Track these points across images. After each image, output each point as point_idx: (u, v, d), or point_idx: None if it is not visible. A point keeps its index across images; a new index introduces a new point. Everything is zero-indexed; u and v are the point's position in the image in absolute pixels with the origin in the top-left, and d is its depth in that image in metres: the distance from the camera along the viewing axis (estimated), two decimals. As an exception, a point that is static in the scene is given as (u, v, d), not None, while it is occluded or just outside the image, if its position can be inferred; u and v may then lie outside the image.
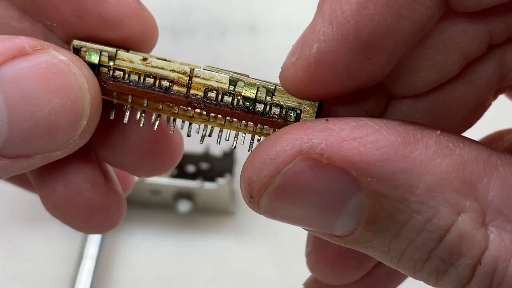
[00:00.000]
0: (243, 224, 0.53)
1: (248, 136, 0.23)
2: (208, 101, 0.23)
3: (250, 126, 0.23)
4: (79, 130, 0.22)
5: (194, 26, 0.67)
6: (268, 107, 0.22)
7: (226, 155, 0.52)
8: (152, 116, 0.24)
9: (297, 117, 0.22)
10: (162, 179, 0.51)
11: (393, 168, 0.19)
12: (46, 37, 0.25)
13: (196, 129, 0.24)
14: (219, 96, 0.23)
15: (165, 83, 0.23)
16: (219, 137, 0.23)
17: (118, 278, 0.51)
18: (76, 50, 0.23)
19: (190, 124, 0.24)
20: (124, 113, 0.24)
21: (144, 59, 0.23)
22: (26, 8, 0.25)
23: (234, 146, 0.23)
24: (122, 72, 0.23)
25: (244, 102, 0.23)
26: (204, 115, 0.23)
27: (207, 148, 0.53)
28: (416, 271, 0.20)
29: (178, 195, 0.52)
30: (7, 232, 0.53)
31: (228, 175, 0.50)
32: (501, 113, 0.32)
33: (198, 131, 0.24)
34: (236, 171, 0.52)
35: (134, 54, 0.23)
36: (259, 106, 0.22)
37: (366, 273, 0.28)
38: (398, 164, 0.19)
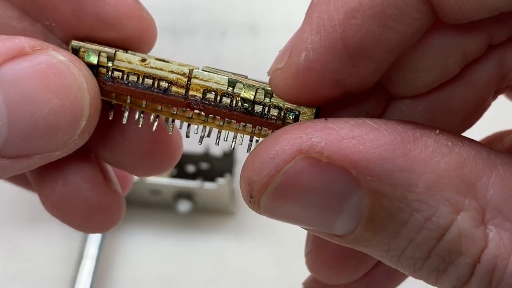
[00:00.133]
0: (243, 224, 0.53)
1: (247, 137, 0.23)
2: (206, 102, 0.23)
3: (249, 128, 0.23)
4: (79, 130, 0.22)
5: (194, 26, 0.67)
6: (266, 108, 0.22)
7: (226, 155, 0.52)
8: (150, 117, 0.24)
9: (295, 118, 0.22)
10: (162, 179, 0.51)
11: (392, 166, 0.19)
12: (45, 37, 0.25)
13: (195, 130, 0.24)
14: (218, 98, 0.23)
15: (164, 84, 0.23)
16: (217, 138, 0.23)
17: (118, 278, 0.51)
18: (75, 50, 0.23)
19: (188, 125, 0.24)
20: (122, 114, 0.24)
21: (143, 60, 0.23)
22: (25, 8, 0.25)
23: (233, 147, 0.23)
24: (120, 73, 0.23)
25: (242, 104, 0.23)
26: (203, 116, 0.23)
27: (207, 148, 0.53)
28: (416, 270, 0.20)
29: (178, 195, 0.52)
30: (7, 232, 0.53)
31: (228, 175, 0.50)
32: (500, 113, 0.32)
33: (197, 132, 0.24)
34: (236, 171, 0.52)
35: (133, 54, 0.23)
36: (258, 108, 0.22)
37: (365, 273, 0.28)
38: (398, 162, 0.19)
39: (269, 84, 0.22)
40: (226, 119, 0.23)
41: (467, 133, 0.24)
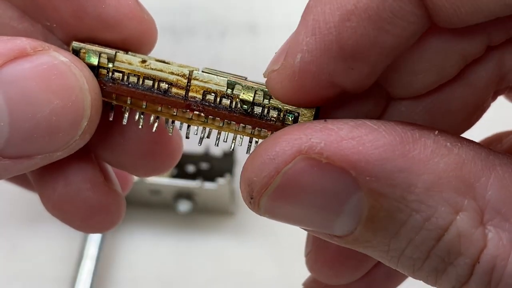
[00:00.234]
0: (243, 224, 0.53)
1: (246, 138, 0.23)
2: (206, 103, 0.23)
3: (248, 129, 0.23)
4: (80, 131, 0.22)
5: (194, 26, 0.67)
6: (266, 110, 0.22)
7: (226, 155, 0.52)
8: (151, 118, 0.24)
9: (294, 120, 0.22)
10: (162, 179, 0.51)
11: (391, 167, 0.19)
12: (45, 37, 0.25)
13: (195, 131, 0.24)
14: (218, 99, 0.23)
15: (164, 85, 0.23)
16: (217, 139, 0.23)
17: (118, 278, 0.51)
18: (76, 51, 0.23)
19: (188, 126, 0.24)
20: (123, 115, 0.24)
21: (143, 61, 0.23)
22: (26, 9, 0.25)
23: (232, 148, 0.24)
24: (121, 74, 0.23)
25: (242, 105, 0.23)
26: (203, 117, 0.23)
27: (207, 148, 0.53)
28: (415, 271, 0.20)
29: (178, 195, 0.52)
30: (7, 232, 0.53)
31: (228, 175, 0.50)
32: (500, 114, 0.32)
33: (197, 133, 0.24)
34: (236, 171, 0.52)
35: (133, 56, 0.23)
36: (257, 109, 0.23)
37: (365, 273, 0.28)
38: (397, 163, 0.19)
39: (265, 85, 0.22)
40: (225, 120, 0.23)
41: (466, 134, 0.24)
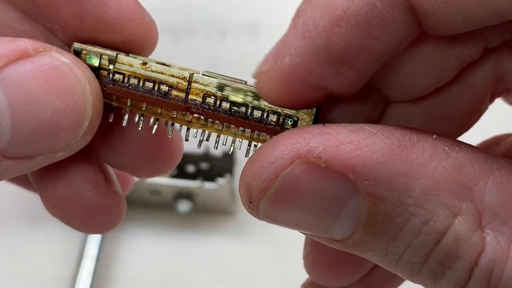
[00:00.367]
0: (243, 224, 0.53)
1: (246, 142, 0.23)
2: (206, 106, 0.23)
3: (248, 132, 0.23)
4: (81, 132, 0.22)
5: (194, 26, 0.67)
6: (265, 114, 0.23)
7: (226, 155, 0.52)
8: (150, 120, 0.24)
9: (294, 124, 0.22)
10: (162, 179, 0.51)
11: (389, 171, 0.19)
12: (47, 39, 0.25)
13: (194, 133, 0.24)
14: (217, 102, 0.23)
15: (164, 88, 0.23)
16: (216, 142, 0.23)
17: (118, 278, 0.51)
18: (77, 53, 0.23)
19: (188, 129, 0.24)
20: (123, 116, 0.24)
21: (144, 63, 0.23)
22: (27, 10, 0.25)
23: (231, 151, 0.24)
24: (121, 76, 0.23)
25: (232, 106, 0.23)
26: (202, 120, 0.23)
27: (207, 148, 0.53)
28: (414, 274, 0.20)
29: (178, 195, 0.52)
30: (7, 232, 0.53)
31: (228, 175, 0.50)
32: (498, 117, 0.32)
33: (196, 136, 0.24)
34: (236, 171, 0.52)
35: (134, 58, 0.23)
36: (257, 113, 0.23)
37: (363, 276, 0.28)
38: (395, 167, 0.19)
39: (254, 87, 0.22)
40: (225, 123, 0.23)
41: (464, 137, 0.24)
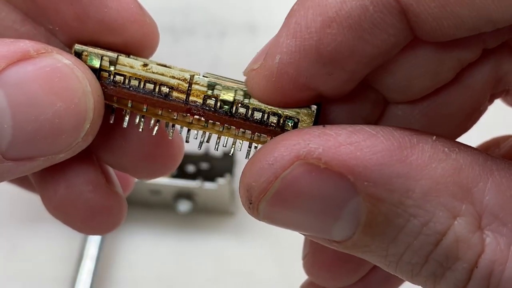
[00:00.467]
0: (243, 224, 0.53)
1: (246, 143, 0.23)
2: (207, 108, 0.23)
3: (248, 134, 0.23)
4: (82, 133, 0.22)
5: (194, 26, 0.67)
6: (266, 115, 0.23)
7: (226, 155, 0.52)
8: (151, 121, 0.24)
9: (294, 125, 0.22)
10: (162, 179, 0.51)
11: (389, 172, 0.19)
12: (48, 40, 0.25)
13: (195, 135, 0.24)
14: (218, 104, 0.23)
15: (165, 89, 0.23)
16: (217, 143, 0.24)
17: (118, 278, 0.51)
18: (78, 54, 0.23)
19: (188, 130, 0.24)
20: (123, 118, 0.24)
21: (145, 65, 0.23)
22: (29, 12, 0.25)
23: (232, 152, 0.24)
24: (122, 77, 0.23)
25: (222, 105, 0.23)
26: (203, 121, 0.23)
27: (207, 148, 0.53)
28: (414, 276, 0.20)
29: (178, 195, 0.52)
30: (7, 232, 0.53)
31: (228, 175, 0.50)
32: (498, 118, 0.32)
33: (197, 137, 0.24)
34: (236, 171, 0.52)
35: (135, 59, 0.23)
36: (257, 115, 0.23)
37: (362, 276, 0.28)
38: (394, 168, 0.19)
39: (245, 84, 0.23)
40: (225, 125, 0.23)
41: (464, 138, 0.24)
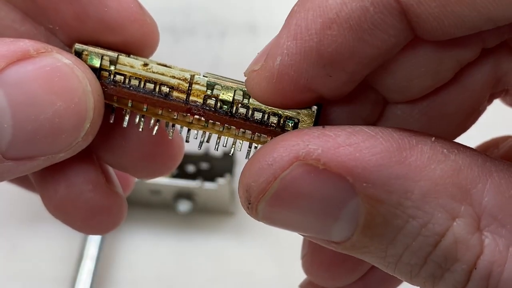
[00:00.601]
0: (243, 224, 0.53)
1: (246, 143, 0.23)
2: (207, 108, 0.23)
3: (248, 134, 0.23)
4: (83, 132, 0.23)
5: (194, 26, 0.67)
6: (266, 116, 0.23)
7: (226, 155, 0.52)
8: (151, 121, 0.24)
9: (294, 126, 0.22)
10: (162, 179, 0.51)
11: (388, 173, 0.19)
12: (48, 40, 0.25)
13: (195, 135, 0.24)
14: (218, 104, 0.23)
15: (165, 89, 0.23)
16: (217, 143, 0.24)
17: (118, 278, 0.51)
18: (78, 53, 0.23)
19: (188, 130, 0.24)
20: (124, 117, 0.24)
21: (145, 65, 0.23)
22: (28, 11, 0.25)
23: (232, 152, 0.24)
24: (122, 77, 0.23)
25: (222, 105, 0.23)
26: (203, 121, 0.23)
27: (207, 148, 0.53)
28: (412, 277, 0.20)
29: (178, 195, 0.52)
30: (7, 232, 0.53)
31: (228, 175, 0.50)
32: (497, 118, 0.32)
33: (197, 137, 0.24)
34: (236, 171, 0.52)
35: (135, 59, 0.23)
36: (257, 115, 0.23)
37: (361, 276, 0.28)
38: (393, 169, 0.19)
39: (245, 85, 0.23)
40: (225, 125, 0.23)
41: (463, 138, 0.24)
